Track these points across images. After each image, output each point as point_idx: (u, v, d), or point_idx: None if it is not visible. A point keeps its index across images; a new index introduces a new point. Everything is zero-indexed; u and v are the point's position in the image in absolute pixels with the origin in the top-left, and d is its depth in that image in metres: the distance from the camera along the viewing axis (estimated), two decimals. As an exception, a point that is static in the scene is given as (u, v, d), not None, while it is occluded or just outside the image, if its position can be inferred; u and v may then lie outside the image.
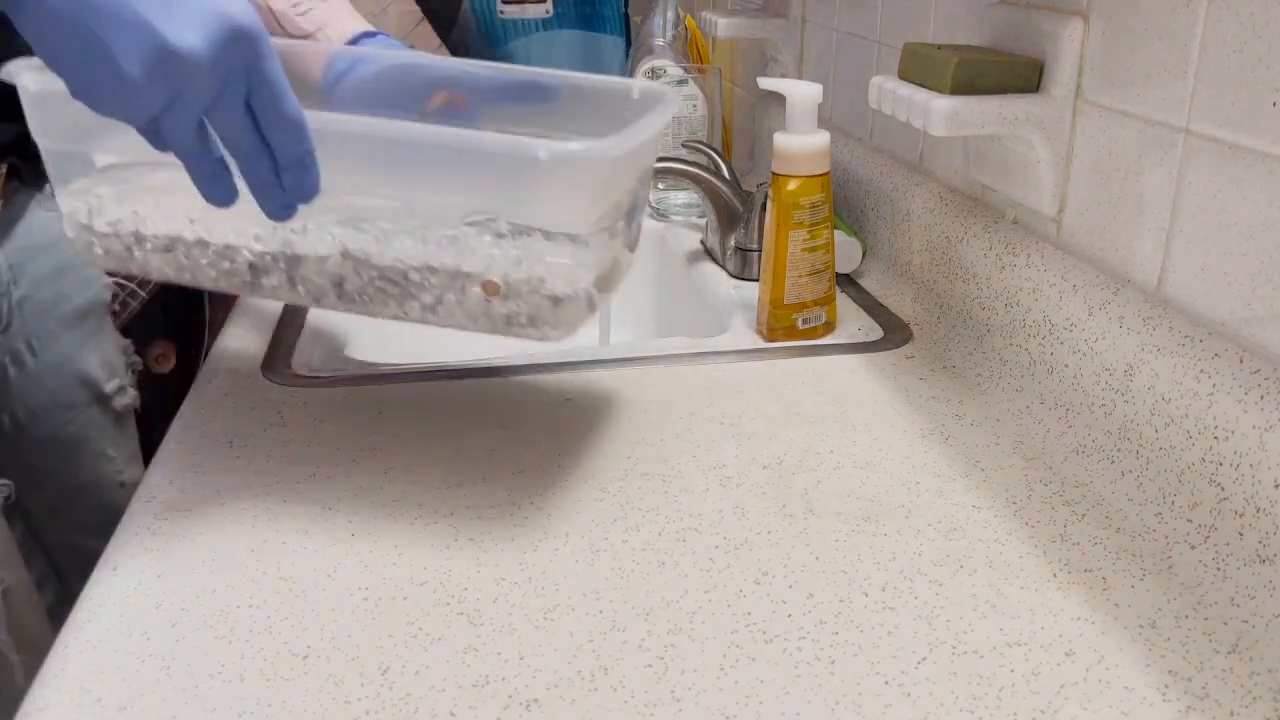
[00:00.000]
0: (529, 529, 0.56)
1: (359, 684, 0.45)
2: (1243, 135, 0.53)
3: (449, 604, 0.50)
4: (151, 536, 0.56)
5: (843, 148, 1.02)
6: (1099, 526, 0.56)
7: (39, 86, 0.55)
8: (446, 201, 0.55)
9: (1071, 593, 0.51)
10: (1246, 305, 0.54)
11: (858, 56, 1.03)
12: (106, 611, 0.50)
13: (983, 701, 0.44)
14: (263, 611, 0.50)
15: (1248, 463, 0.50)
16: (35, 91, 0.55)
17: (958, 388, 0.73)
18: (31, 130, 0.57)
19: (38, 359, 0.86)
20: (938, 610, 0.50)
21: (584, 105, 0.69)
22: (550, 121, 0.68)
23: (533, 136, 0.51)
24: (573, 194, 0.53)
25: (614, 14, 1.94)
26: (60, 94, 0.46)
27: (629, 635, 0.48)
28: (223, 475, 0.62)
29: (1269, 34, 0.51)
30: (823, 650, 0.47)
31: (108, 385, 0.94)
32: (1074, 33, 0.66)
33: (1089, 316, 0.63)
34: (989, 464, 0.63)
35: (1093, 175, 0.66)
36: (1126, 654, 0.47)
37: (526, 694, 0.45)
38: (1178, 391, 0.55)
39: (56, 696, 0.45)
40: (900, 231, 0.89)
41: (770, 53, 1.28)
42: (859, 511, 0.58)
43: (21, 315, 0.83)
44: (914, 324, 0.83)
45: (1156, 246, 0.61)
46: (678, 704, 0.44)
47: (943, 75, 0.67)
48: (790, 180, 0.80)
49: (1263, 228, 0.52)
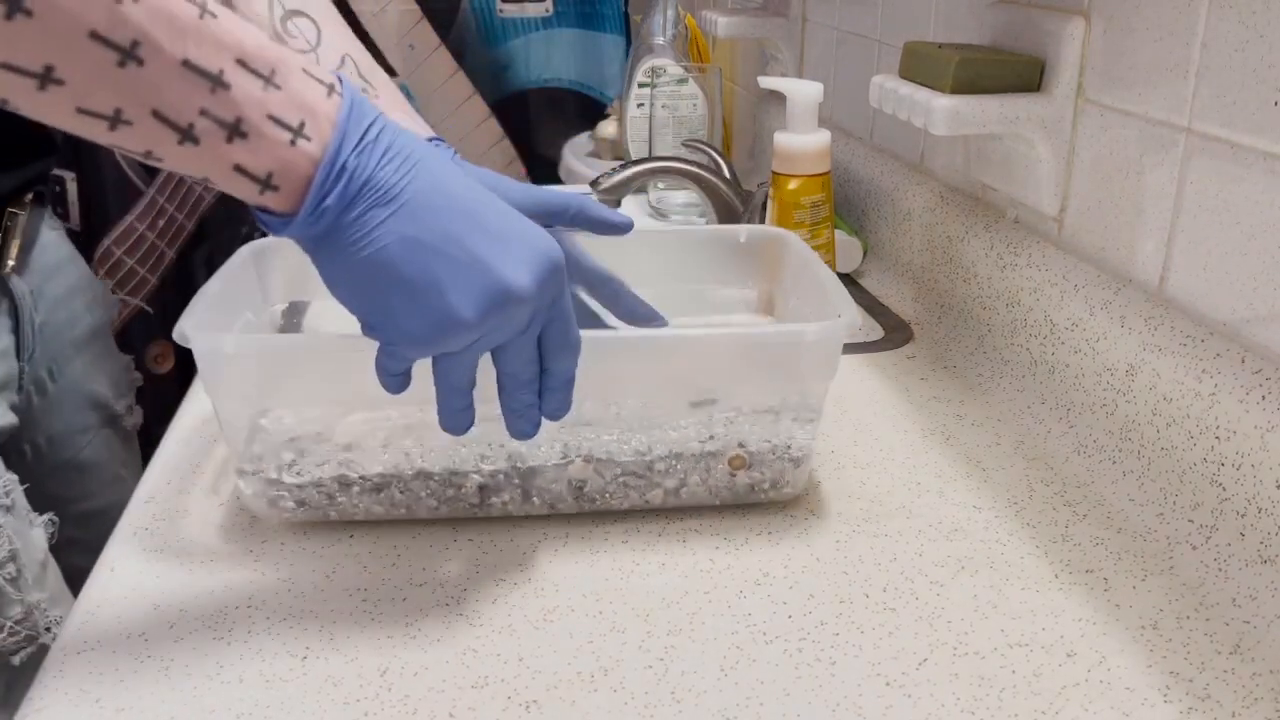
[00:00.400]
0: (529, 529, 0.56)
1: (358, 685, 0.45)
2: (1244, 134, 0.53)
3: (448, 605, 0.50)
4: (150, 537, 0.56)
5: (843, 147, 1.02)
6: (1100, 527, 0.56)
7: (236, 348, 0.52)
8: (683, 392, 0.57)
9: (1073, 593, 0.51)
10: (1248, 305, 0.54)
11: (858, 56, 1.03)
12: (105, 612, 0.50)
13: (984, 703, 0.44)
14: (261, 612, 0.50)
15: (1249, 463, 0.50)
16: (231, 353, 0.52)
17: (958, 388, 0.72)
18: (208, 392, 0.53)
19: (56, 384, 0.85)
20: (939, 611, 0.50)
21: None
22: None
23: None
24: (829, 365, 0.56)
25: (614, 13, 1.94)
26: (250, 355, 0.48)
27: (629, 636, 0.48)
28: (221, 476, 0.62)
29: (1270, 34, 0.51)
30: (823, 651, 0.47)
31: (118, 405, 0.93)
32: (1075, 32, 0.66)
33: (1090, 316, 0.63)
34: (990, 464, 0.63)
35: (1094, 174, 0.66)
36: (1128, 655, 0.47)
37: (526, 695, 0.44)
38: (1179, 391, 0.55)
39: (55, 697, 0.45)
40: (901, 231, 0.89)
41: (771, 52, 1.28)
42: (860, 512, 0.58)
43: (43, 340, 0.82)
44: (915, 324, 0.83)
45: (1158, 246, 0.60)
46: (678, 705, 0.44)
47: (944, 74, 0.67)
48: (791, 179, 0.80)
49: (1264, 227, 0.52)
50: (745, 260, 0.69)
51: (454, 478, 0.55)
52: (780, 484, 0.57)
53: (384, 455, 0.54)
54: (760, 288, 0.70)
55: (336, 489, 0.54)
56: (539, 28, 1.91)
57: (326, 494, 0.54)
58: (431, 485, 0.55)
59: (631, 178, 0.93)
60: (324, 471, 0.54)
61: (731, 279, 0.70)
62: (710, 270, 0.69)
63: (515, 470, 0.55)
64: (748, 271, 0.69)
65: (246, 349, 0.52)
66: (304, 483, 0.54)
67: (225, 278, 0.59)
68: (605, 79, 1.96)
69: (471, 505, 0.56)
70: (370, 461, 0.54)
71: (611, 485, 0.55)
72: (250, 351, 0.53)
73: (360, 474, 0.54)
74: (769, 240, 0.68)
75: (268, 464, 0.54)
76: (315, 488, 0.54)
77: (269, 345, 0.57)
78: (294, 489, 0.54)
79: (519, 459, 0.54)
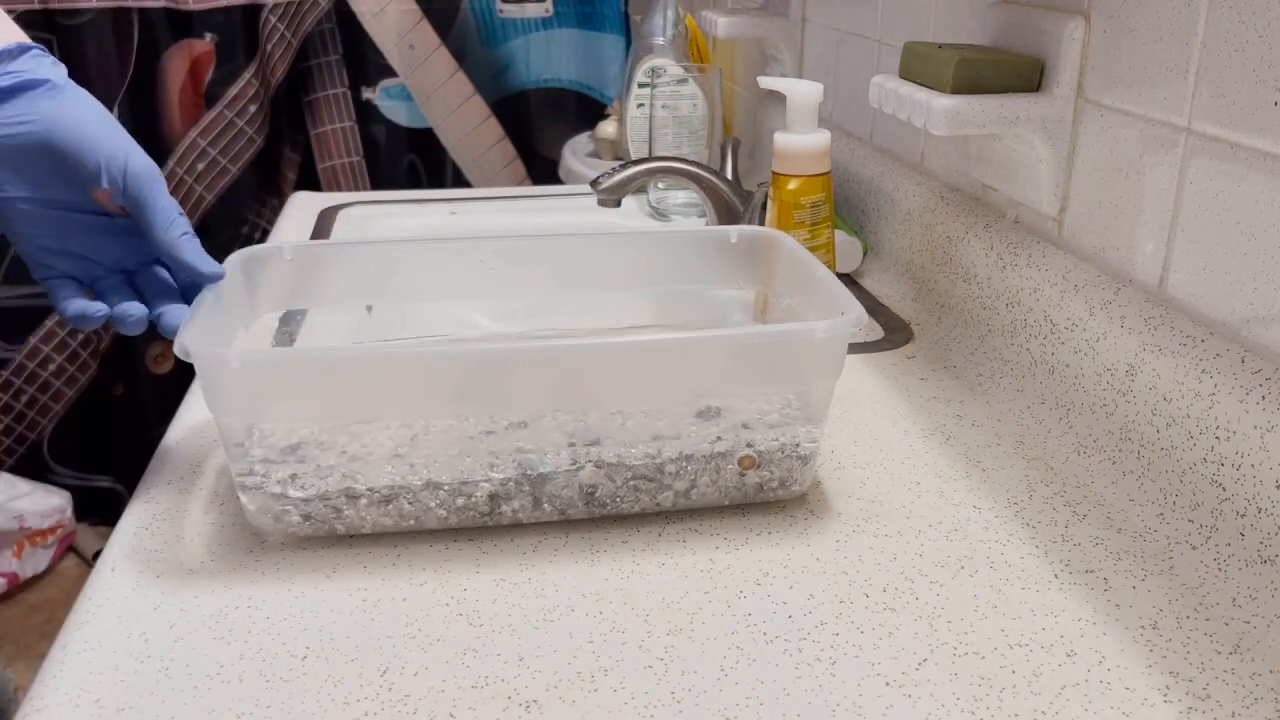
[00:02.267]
0: (528, 530, 0.56)
1: (358, 685, 0.45)
2: (1244, 134, 0.53)
3: (448, 604, 0.50)
4: (150, 537, 0.56)
5: (843, 147, 1.02)
6: (1100, 527, 0.56)
7: (239, 362, 0.51)
8: (694, 392, 0.57)
9: (1073, 593, 0.51)
10: (1248, 305, 0.54)
11: (858, 55, 1.03)
12: (105, 612, 0.50)
13: (984, 703, 0.44)
14: (261, 612, 0.50)
15: (1249, 463, 0.50)
16: (234, 367, 0.51)
17: (959, 388, 0.72)
18: (210, 405, 0.53)
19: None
20: (939, 611, 0.50)
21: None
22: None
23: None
24: (836, 362, 0.56)
25: (614, 13, 1.94)
26: (252, 368, 0.49)
27: (629, 636, 0.48)
28: (220, 476, 0.62)
29: (1270, 33, 0.51)
30: (823, 651, 0.47)
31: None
32: (1075, 32, 0.66)
33: (1090, 316, 0.63)
34: (990, 464, 0.63)
35: (1094, 175, 0.66)
36: (1128, 655, 0.47)
37: (526, 695, 0.44)
38: (1179, 392, 0.55)
39: (55, 698, 0.45)
40: (901, 231, 0.89)
41: (770, 52, 1.28)
42: (860, 512, 0.58)
43: None
44: (915, 324, 0.83)
45: (1158, 246, 0.60)
46: (678, 705, 0.44)
47: (944, 74, 0.67)
48: (791, 179, 0.80)
49: (1264, 227, 0.52)
50: (738, 261, 0.69)
51: (464, 487, 0.54)
52: (789, 483, 0.57)
53: (389, 467, 0.54)
54: (755, 288, 0.70)
55: (344, 502, 0.54)
56: (539, 28, 1.91)
57: (333, 507, 0.54)
58: (441, 495, 0.54)
59: (631, 178, 0.93)
60: (329, 484, 0.53)
61: (725, 280, 0.70)
62: (703, 272, 0.70)
63: (525, 477, 0.54)
64: (741, 272, 0.69)
65: (249, 362, 0.52)
66: (309, 496, 0.53)
67: (217, 290, 0.58)
68: (605, 79, 1.96)
69: (482, 514, 0.55)
70: (377, 473, 0.54)
71: (622, 489, 0.55)
72: (253, 365, 0.52)
73: (368, 486, 0.54)
74: (761, 240, 0.68)
75: (271, 478, 0.53)
76: (321, 500, 0.54)
77: (271, 359, 0.56)
78: (299, 503, 0.54)
79: (529, 466, 0.54)
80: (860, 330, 0.56)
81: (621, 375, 0.55)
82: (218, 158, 1.78)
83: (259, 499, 0.54)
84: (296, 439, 0.55)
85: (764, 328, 0.60)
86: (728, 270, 0.69)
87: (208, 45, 1.74)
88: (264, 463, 0.53)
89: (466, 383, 0.54)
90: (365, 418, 0.55)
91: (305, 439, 0.55)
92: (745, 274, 0.69)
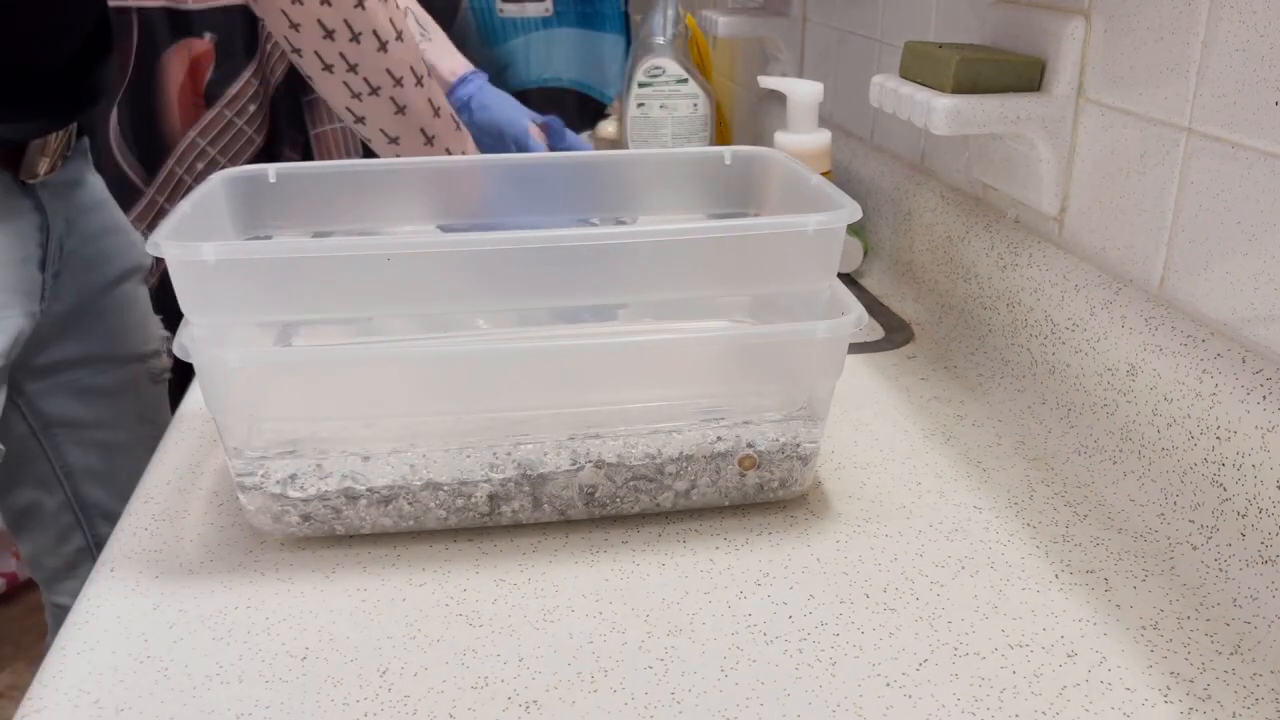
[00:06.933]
0: (528, 530, 0.56)
1: (357, 685, 0.45)
2: (1245, 134, 0.53)
3: (448, 605, 0.50)
4: (150, 537, 0.56)
5: (844, 147, 1.02)
6: (1101, 527, 0.56)
7: (239, 362, 0.51)
8: (695, 390, 0.57)
9: (1073, 594, 0.51)
10: (1249, 305, 0.54)
11: (859, 55, 1.03)
12: (104, 613, 0.50)
13: (984, 703, 0.44)
14: (260, 613, 0.50)
15: (1250, 463, 0.50)
16: (234, 367, 0.51)
17: (959, 388, 0.72)
18: (209, 405, 0.52)
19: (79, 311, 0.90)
20: (939, 611, 0.50)
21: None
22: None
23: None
24: (836, 362, 0.56)
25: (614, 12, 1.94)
26: (253, 368, 0.50)
27: (629, 637, 0.48)
28: (220, 476, 0.62)
29: (1271, 33, 0.51)
30: (823, 652, 0.47)
31: (143, 348, 0.98)
32: (1076, 31, 0.66)
33: (1091, 316, 0.63)
34: (990, 464, 0.63)
35: (1094, 174, 0.66)
36: (1129, 655, 0.47)
37: (526, 695, 0.44)
38: (1180, 392, 0.55)
39: (55, 698, 0.45)
40: (901, 231, 0.89)
41: (771, 51, 1.28)
42: (860, 512, 0.58)
43: (70, 269, 0.87)
44: (915, 324, 0.83)
45: (1158, 246, 0.60)
46: (678, 705, 0.44)
47: (944, 74, 0.67)
48: (791, 179, 0.80)
49: (1265, 227, 0.52)
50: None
51: (463, 487, 0.54)
52: (789, 483, 0.57)
53: (389, 467, 0.54)
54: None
55: (343, 502, 0.54)
56: (539, 27, 1.91)
57: (332, 508, 0.54)
58: (440, 495, 0.54)
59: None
60: (329, 485, 0.53)
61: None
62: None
63: (525, 478, 0.54)
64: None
65: (249, 362, 0.51)
66: (309, 496, 0.53)
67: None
68: (605, 79, 1.96)
69: (482, 515, 0.55)
70: (376, 473, 0.54)
71: (622, 490, 0.55)
72: (253, 365, 0.52)
73: (368, 486, 0.54)
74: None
75: (270, 478, 0.53)
76: (320, 501, 0.53)
77: (272, 358, 0.56)
78: (299, 503, 0.53)
79: (529, 466, 0.54)
80: (860, 330, 0.56)
81: (621, 375, 0.55)
82: (217, 157, 1.79)
83: (258, 499, 0.53)
84: (296, 439, 0.54)
85: (764, 328, 0.60)
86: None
87: (207, 45, 1.74)
88: (263, 463, 0.53)
89: (466, 382, 0.54)
90: (365, 418, 0.55)
91: (305, 439, 0.54)
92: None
